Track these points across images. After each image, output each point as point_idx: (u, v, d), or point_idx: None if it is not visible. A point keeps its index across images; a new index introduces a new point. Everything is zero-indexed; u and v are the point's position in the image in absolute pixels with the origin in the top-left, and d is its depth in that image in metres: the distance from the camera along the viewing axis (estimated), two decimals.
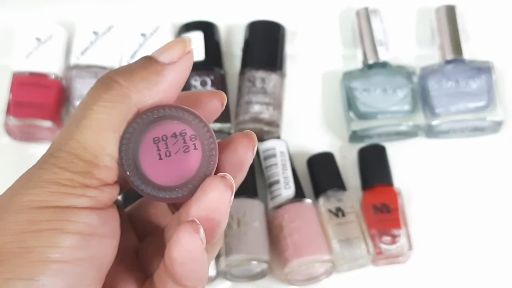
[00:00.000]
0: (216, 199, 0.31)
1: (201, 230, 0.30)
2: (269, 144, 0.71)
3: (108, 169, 0.31)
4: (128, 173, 0.31)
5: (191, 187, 0.31)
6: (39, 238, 0.29)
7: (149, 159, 0.31)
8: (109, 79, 0.31)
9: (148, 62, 0.32)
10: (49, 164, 0.30)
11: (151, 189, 0.31)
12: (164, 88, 0.32)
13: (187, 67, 0.33)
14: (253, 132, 0.34)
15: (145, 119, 0.31)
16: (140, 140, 0.31)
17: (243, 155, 0.33)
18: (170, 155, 0.32)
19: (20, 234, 0.29)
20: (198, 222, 0.30)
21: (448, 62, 0.74)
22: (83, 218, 0.30)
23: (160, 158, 0.32)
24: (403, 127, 0.73)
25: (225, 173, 0.31)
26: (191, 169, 0.32)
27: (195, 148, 0.32)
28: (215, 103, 0.35)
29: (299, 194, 0.69)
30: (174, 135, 0.32)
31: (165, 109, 0.32)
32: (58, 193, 0.29)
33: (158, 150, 0.32)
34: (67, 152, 0.30)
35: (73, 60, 0.74)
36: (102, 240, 0.31)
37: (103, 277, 0.31)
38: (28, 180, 0.30)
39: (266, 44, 0.76)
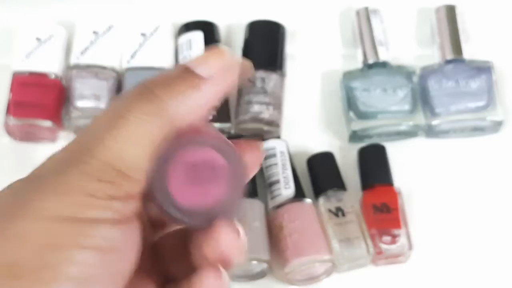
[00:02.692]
0: (228, 243, 0.32)
1: (224, 275, 0.32)
2: (269, 144, 0.71)
3: (137, 182, 0.30)
4: (155, 189, 0.31)
5: (209, 218, 0.32)
6: (57, 253, 0.27)
7: (177, 180, 0.31)
8: (148, 91, 0.30)
9: (187, 74, 0.31)
10: (78, 171, 0.29)
11: (174, 210, 0.31)
12: (200, 103, 0.31)
13: (226, 84, 0.31)
14: (259, 145, 0.34)
15: (183, 141, 0.31)
16: (174, 160, 0.31)
17: (250, 167, 0.33)
18: (198, 182, 0.31)
19: (39, 248, 0.27)
20: (220, 268, 0.32)
21: (448, 62, 0.74)
22: (103, 233, 0.28)
23: (188, 183, 0.31)
24: (403, 127, 0.73)
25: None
26: (215, 200, 0.32)
27: (224, 181, 0.32)
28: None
29: (299, 194, 0.69)
30: (208, 163, 0.31)
31: (205, 137, 0.31)
32: (82, 204, 0.28)
33: (188, 174, 0.31)
34: (99, 160, 0.29)
35: (73, 60, 0.74)
36: (122, 255, 0.30)
37: None
38: (50, 185, 0.29)
39: (266, 44, 0.76)
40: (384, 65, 0.74)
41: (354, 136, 0.73)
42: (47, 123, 0.72)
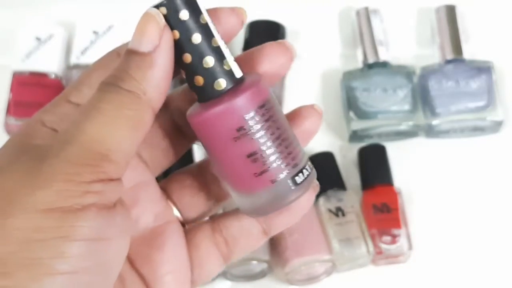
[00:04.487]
0: None
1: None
2: None
3: (118, 165, 0.30)
4: None
5: None
6: (47, 248, 0.27)
7: None
8: (115, 88, 0.30)
9: (136, 58, 0.31)
10: (57, 159, 0.29)
11: None
12: (161, 75, 0.31)
13: (171, 44, 0.32)
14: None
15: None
16: None
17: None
18: None
19: (27, 243, 0.27)
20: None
21: (448, 62, 0.74)
22: (88, 222, 0.28)
23: None
24: (403, 127, 0.73)
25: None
26: None
27: None
28: (233, 20, 0.34)
29: None
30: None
31: None
32: (64, 191, 0.28)
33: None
34: (79, 146, 0.29)
35: (73, 60, 0.74)
36: (110, 243, 0.29)
37: (113, 281, 0.30)
38: (33, 177, 0.28)
39: None
40: (384, 65, 0.74)
41: (354, 136, 0.73)
42: None
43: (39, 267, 0.27)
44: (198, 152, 0.71)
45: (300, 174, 0.33)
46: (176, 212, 0.36)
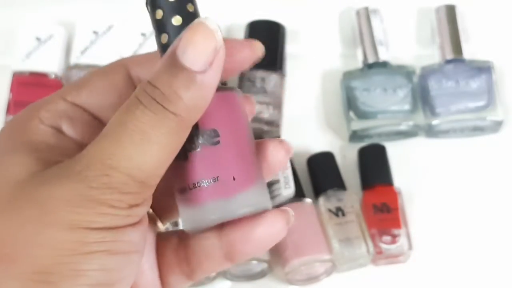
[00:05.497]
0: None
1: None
2: None
3: (153, 188, 0.30)
4: None
5: None
6: (91, 260, 0.28)
7: None
8: (161, 110, 0.29)
9: (185, 76, 0.29)
10: (101, 184, 0.28)
11: None
12: (208, 97, 0.30)
13: (222, 65, 0.30)
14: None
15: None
16: None
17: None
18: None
19: (72, 256, 0.28)
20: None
21: (448, 62, 0.74)
22: (127, 237, 0.29)
23: None
24: (403, 127, 0.73)
25: None
26: None
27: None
28: (245, 53, 0.34)
29: (299, 194, 0.69)
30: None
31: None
32: (106, 215, 0.28)
33: None
34: (122, 173, 0.29)
35: (73, 60, 0.74)
36: (140, 255, 0.31)
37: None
38: (73, 197, 0.28)
39: (266, 44, 0.75)
40: (384, 65, 0.74)
41: (354, 136, 0.73)
42: None
43: (83, 279, 0.28)
44: None
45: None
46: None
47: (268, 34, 0.76)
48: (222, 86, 0.32)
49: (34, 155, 0.30)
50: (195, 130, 0.31)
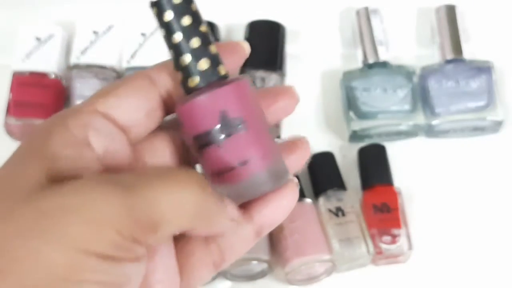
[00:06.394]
0: None
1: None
2: None
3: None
4: None
5: None
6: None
7: None
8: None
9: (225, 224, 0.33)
10: (119, 201, 0.28)
11: None
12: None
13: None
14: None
15: None
16: None
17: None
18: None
19: (63, 281, 0.27)
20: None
21: (448, 62, 0.74)
22: (125, 270, 0.29)
23: None
24: (403, 127, 0.73)
25: None
26: None
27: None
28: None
29: (299, 194, 0.69)
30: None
31: None
32: (110, 241, 0.28)
33: None
34: (144, 199, 0.29)
35: (73, 60, 0.74)
36: (137, 284, 0.30)
37: None
38: (81, 210, 0.28)
39: (266, 44, 0.76)
40: (384, 65, 0.74)
41: (354, 136, 0.73)
42: None
43: None
44: None
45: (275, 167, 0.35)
46: None
47: (268, 34, 0.76)
48: (234, 76, 0.34)
49: (49, 165, 0.30)
50: (225, 119, 0.33)
